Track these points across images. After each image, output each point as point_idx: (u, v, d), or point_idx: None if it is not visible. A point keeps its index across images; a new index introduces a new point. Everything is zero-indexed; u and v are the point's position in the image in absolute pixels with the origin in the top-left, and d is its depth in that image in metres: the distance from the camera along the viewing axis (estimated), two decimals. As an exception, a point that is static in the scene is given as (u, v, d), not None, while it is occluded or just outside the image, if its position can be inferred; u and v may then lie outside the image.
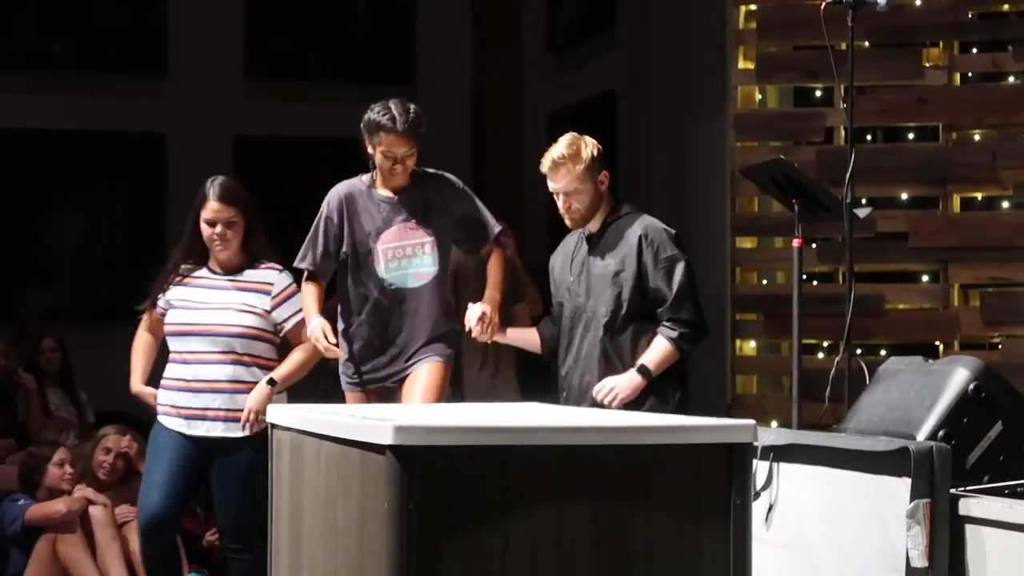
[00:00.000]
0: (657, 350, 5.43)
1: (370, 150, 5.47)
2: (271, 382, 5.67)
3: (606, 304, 5.46)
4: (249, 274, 5.79)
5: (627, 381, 5.41)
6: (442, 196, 5.58)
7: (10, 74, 12.25)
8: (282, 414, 4.74)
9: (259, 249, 5.83)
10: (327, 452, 4.26)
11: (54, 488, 6.98)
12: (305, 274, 5.60)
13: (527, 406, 5.17)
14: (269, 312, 5.74)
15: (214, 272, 5.81)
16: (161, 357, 5.90)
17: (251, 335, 5.72)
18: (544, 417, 4.99)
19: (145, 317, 5.93)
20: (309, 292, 5.59)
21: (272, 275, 5.79)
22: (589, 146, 5.53)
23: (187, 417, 5.73)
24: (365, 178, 5.58)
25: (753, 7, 7.92)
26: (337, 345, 5.46)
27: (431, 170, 5.63)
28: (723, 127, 8.00)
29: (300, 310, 5.68)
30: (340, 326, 5.60)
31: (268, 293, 5.76)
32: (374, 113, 5.43)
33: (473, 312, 5.48)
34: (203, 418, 5.72)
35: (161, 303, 5.83)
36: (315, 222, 5.59)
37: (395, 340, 5.56)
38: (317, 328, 5.41)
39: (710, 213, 8.06)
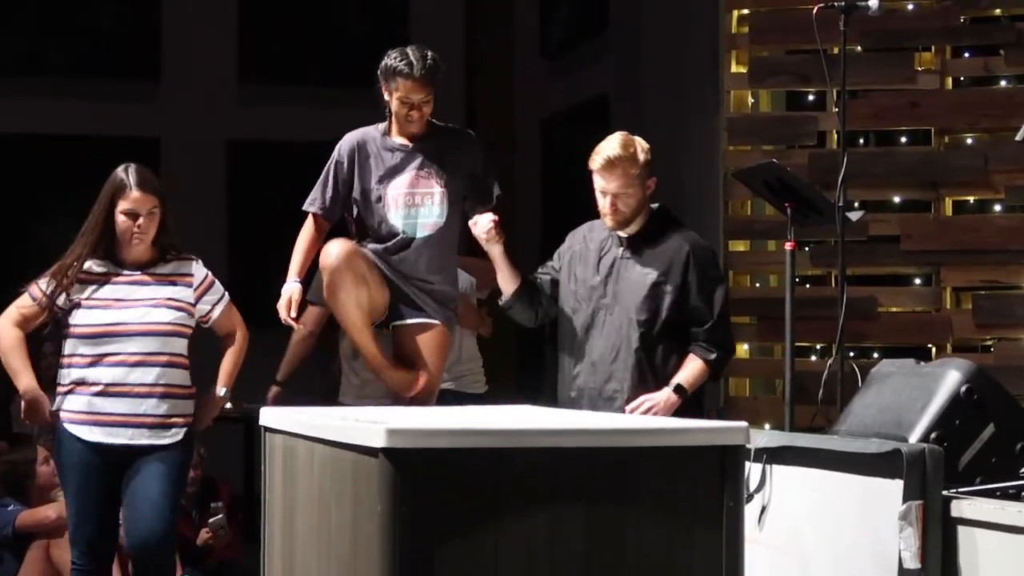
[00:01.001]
0: (693, 370, 5.36)
1: (386, 97, 5.36)
2: (225, 393, 5.46)
3: (642, 313, 5.34)
4: (164, 268, 5.41)
5: (664, 399, 5.31)
6: (458, 150, 5.48)
7: (4, 78, 12.25)
8: (274, 417, 4.75)
9: (170, 242, 5.43)
10: (320, 455, 4.26)
11: (47, 486, 6.93)
12: (310, 218, 5.48)
13: (520, 408, 5.17)
14: (194, 305, 5.41)
15: (121, 267, 5.38)
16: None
17: (177, 332, 5.35)
18: (537, 420, 5.00)
19: (18, 311, 5.39)
20: (305, 239, 5.45)
21: (190, 266, 5.45)
22: (644, 151, 5.42)
23: (108, 424, 5.27)
24: (380, 126, 5.47)
25: (746, 11, 7.93)
26: (297, 320, 5.39)
27: (451, 125, 5.54)
28: (716, 131, 8.01)
29: (224, 295, 5.47)
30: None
31: (190, 285, 5.41)
32: (391, 59, 5.31)
33: (485, 218, 5.37)
34: (127, 424, 5.29)
35: (61, 302, 5.34)
36: (326, 167, 5.47)
37: (401, 286, 5.44)
38: (285, 297, 5.32)
39: (703, 216, 8.07)
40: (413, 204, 5.37)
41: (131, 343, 5.27)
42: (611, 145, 5.39)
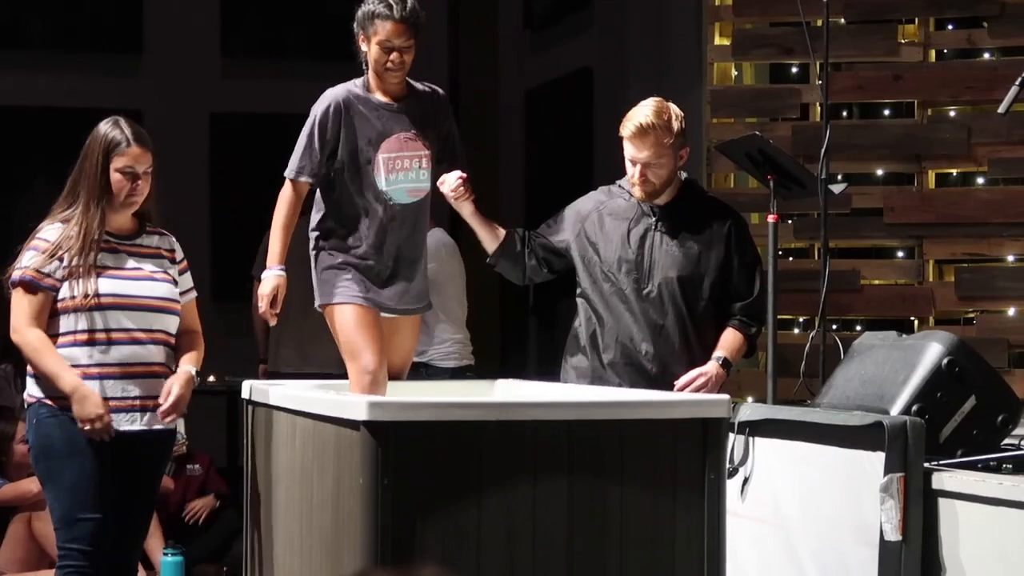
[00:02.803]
0: (735, 343, 5.17)
1: (364, 47, 4.98)
2: (196, 374, 4.84)
3: (685, 287, 5.09)
4: (147, 239, 4.88)
5: (715, 373, 5.07)
6: (436, 110, 5.13)
7: (-15, 52, 12.20)
8: (256, 390, 4.75)
9: (154, 210, 4.91)
10: (302, 428, 4.27)
11: (22, 464, 6.92)
12: (288, 188, 4.98)
13: (501, 382, 5.18)
14: (177, 279, 4.91)
15: (107, 235, 4.80)
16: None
17: (174, 309, 4.85)
18: (518, 392, 5.00)
19: (27, 310, 4.72)
20: (286, 212, 4.95)
21: (172, 240, 4.96)
22: (679, 118, 5.12)
23: (127, 410, 4.72)
24: (359, 82, 5.04)
25: (729, -17, 7.92)
26: (277, 316, 4.93)
27: (424, 83, 5.17)
28: (699, 103, 8.00)
29: (193, 286, 4.98)
30: (328, 246, 5.01)
31: (173, 261, 4.92)
32: (369, 4, 4.98)
33: (452, 175, 5.03)
34: (143, 409, 4.74)
35: (52, 271, 4.72)
36: (306, 129, 4.98)
37: (393, 260, 5.01)
38: (268, 288, 4.87)
39: (686, 189, 8.05)
40: (401, 168, 4.97)
41: (136, 318, 4.73)
42: (644, 112, 5.08)
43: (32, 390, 4.79)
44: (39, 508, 6.73)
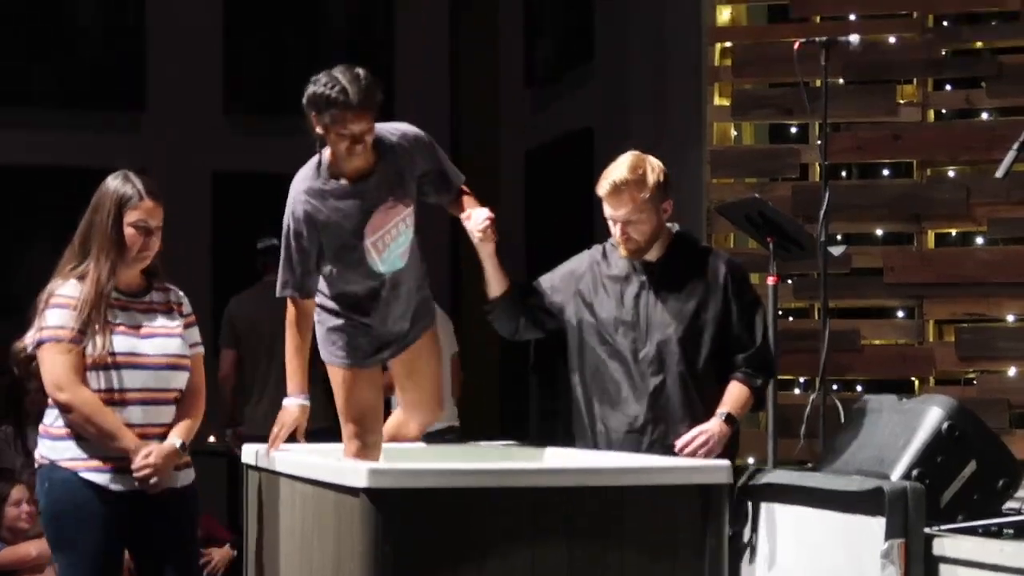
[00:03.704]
0: (740, 397, 4.86)
1: (318, 130, 4.54)
2: (183, 447, 4.65)
3: (684, 345, 4.84)
4: (157, 295, 4.78)
5: (719, 431, 4.79)
6: (412, 159, 4.71)
7: (-12, 109, 12.26)
8: (256, 455, 4.74)
9: (162, 267, 4.81)
10: (302, 493, 4.26)
11: (13, 528, 6.88)
12: (290, 306, 4.69)
13: (500, 446, 5.17)
14: (184, 334, 4.79)
15: (117, 292, 4.69)
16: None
17: (184, 366, 4.73)
18: (518, 459, 4.99)
19: (68, 369, 4.57)
20: (295, 333, 4.67)
21: (179, 294, 4.84)
22: (655, 170, 4.90)
23: (128, 470, 4.56)
24: (318, 167, 4.61)
25: (728, 44, 7.96)
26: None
27: (390, 131, 4.72)
28: (699, 163, 8.03)
29: (201, 344, 4.84)
30: (331, 306, 4.79)
31: (180, 315, 4.79)
32: (319, 86, 4.53)
33: (480, 214, 4.73)
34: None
35: (81, 327, 4.58)
36: (284, 241, 4.64)
37: (397, 326, 4.82)
38: (288, 421, 4.63)
39: (687, 249, 8.07)
40: (390, 239, 4.69)
41: (150, 377, 4.64)
42: (618, 168, 4.88)
43: (45, 451, 4.64)
44: (38, 571, 6.72)
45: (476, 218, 4.73)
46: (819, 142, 6.39)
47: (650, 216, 4.87)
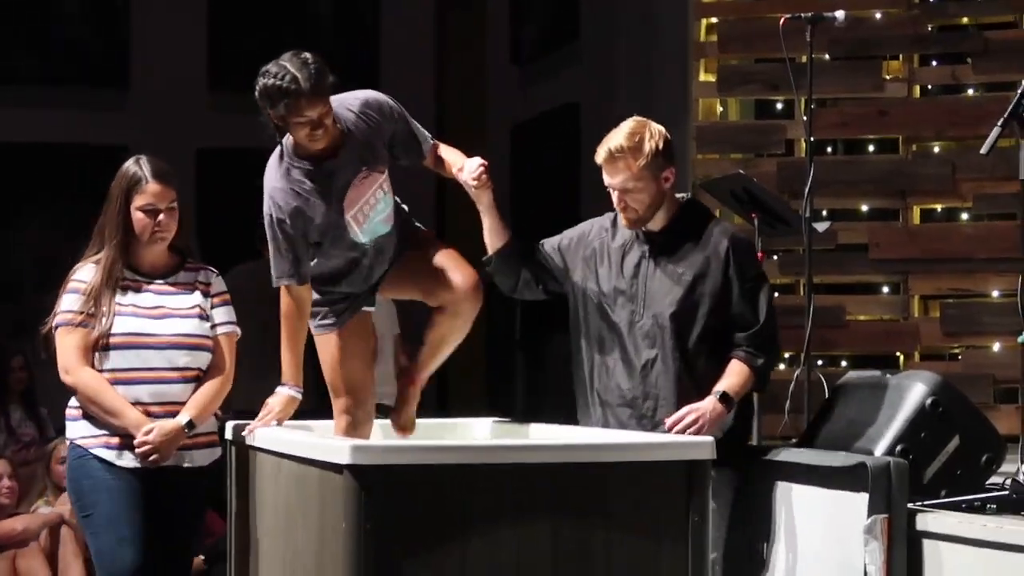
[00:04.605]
0: (739, 376, 4.67)
1: (276, 122, 4.53)
2: (189, 425, 4.66)
3: (677, 319, 4.68)
4: (183, 275, 4.82)
5: (710, 409, 4.60)
6: (379, 128, 4.65)
7: (-29, 88, 12.21)
8: (240, 431, 4.73)
9: (186, 244, 4.88)
10: (286, 471, 4.26)
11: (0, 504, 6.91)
12: (284, 293, 4.61)
13: (485, 422, 5.17)
14: (209, 312, 4.81)
15: (139, 275, 4.77)
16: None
17: (200, 345, 4.76)
18: (502, 435, 4.99)
19: (75, 351, 4.68)
20: (290, 321, 4.61)
21: (209, 275, 4.86)
22: (654, 137, 4.73)
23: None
24: (287, 155, 4.60)
25: (714, 20, 7.95)
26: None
27: (350, 102, 4.66)
28: (684, 139, 8.02)
29: (235, 326, 4.85)
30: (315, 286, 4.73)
31: (207, 294, 4.81)
32: (269, 77, 4.52)
33: (473, 163, 4.64)
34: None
35: (91, 310, 4.69)
36: (270, 232, 4.61)
37: (378, 276, 4.79)
38: (277, 407, 4.57)
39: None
40: (370, 209, 4.64)
41: (163, 356, 4.68)
42: (615, 136, 4.74)
43: (67, 431, 4.76)
44: (23, 546, 6.73)
45: (469, 167, 4.66)
46: (804, 118, 6.39)
47: (648, 184, 4.71)
